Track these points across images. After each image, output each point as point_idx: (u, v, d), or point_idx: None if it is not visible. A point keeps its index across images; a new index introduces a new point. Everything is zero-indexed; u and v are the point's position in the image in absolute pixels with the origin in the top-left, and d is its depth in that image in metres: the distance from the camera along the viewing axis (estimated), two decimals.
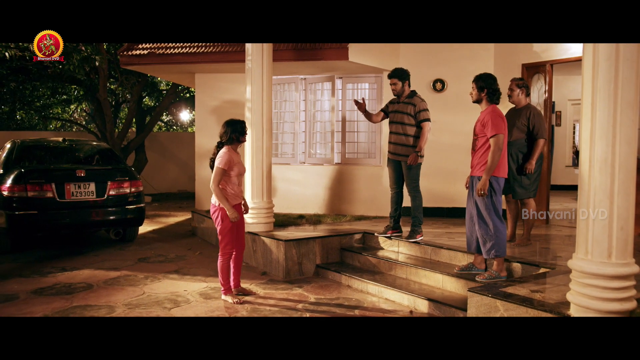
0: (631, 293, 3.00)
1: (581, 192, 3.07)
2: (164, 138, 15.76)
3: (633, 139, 2.93)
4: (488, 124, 4.34)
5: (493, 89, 4.47)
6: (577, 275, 3.08)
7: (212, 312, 4.55)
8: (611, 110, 2.90)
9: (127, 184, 6.87)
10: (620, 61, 2.88)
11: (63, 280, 5.50)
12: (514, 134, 5.25)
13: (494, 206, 4.37)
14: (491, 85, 4.47)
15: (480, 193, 4.33)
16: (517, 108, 5.38)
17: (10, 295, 4.99)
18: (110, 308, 4.61)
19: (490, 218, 4.36)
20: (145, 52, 7.68)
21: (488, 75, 4.53)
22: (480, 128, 4.43)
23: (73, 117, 18.22)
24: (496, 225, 4.34)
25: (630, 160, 2.93)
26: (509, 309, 3.47)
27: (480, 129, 4.43)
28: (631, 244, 3.00)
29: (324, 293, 5.16)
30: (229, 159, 4.51)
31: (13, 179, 6.24)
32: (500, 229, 4.35)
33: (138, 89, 12.84)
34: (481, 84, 4.47)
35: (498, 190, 4.39)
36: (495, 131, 4.30)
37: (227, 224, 4.63)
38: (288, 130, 8.50)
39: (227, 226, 4.66)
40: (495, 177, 4.37)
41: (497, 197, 4.38)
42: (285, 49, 7.17)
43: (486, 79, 4.50)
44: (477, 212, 4.45)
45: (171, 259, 6.56)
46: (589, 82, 2.99)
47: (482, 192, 4.32)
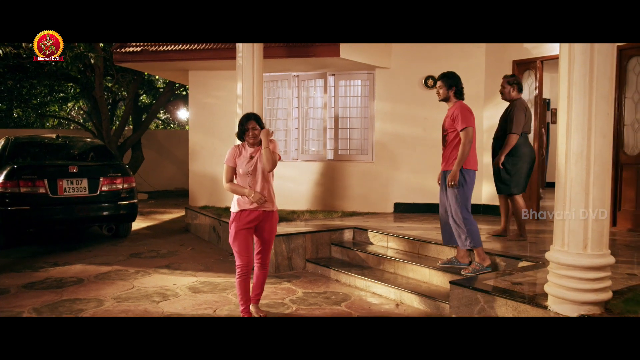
0: (607, 284, 3.04)
1: (558, 184, 3.11)
2: (161, 136, 15.80)
3: (608, 131, 2.96)
4: (458, 117, 4.43)
5: (460, 87, 4.59)
6: (554, 267, 3.11)
7: (199, 305, 4.59)
8: (586, 103, 2.94)
9: (119, 180, 6.91)
10: (595, 54, 2.91)
11: (54, 275, 5.54)
12: (501, 130, 5.30)
13: (464, 198, 4.46)
14: (459, 83, 4.59)
15: (450, 184, 4.43)
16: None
17: (2, 289, 5.03)
18: (99, 301, 4.65)
19: (460, 210, 4.45)
20: (139, 50, 7.72)
21: (453, 73, 4.62)
22: (450, 123, 4.51)
23: (70, 115, 18.25)
24: (465, 217, 4.44)
25: (605, 152, 2.96)
26: (488, 300, 3.51)
27: (450, 123, 4.52)
28: (607, 236, 3.04)
29: (312, 287, 5.20)
30: (231, 155, 4.11)
31: (5, 175, 6.28)
32: (470, 220, 4.46)
33: (134, 86, 12.87)
34: (450, 82, 4.56)
35: (469, 182, 4.49)
36: (465, 124, 4.40)
37: (234, 230, 4.05)
38: (281, 127, 8.54)
39: (233, 232, 4.07)
40: (465, 169, 4.46)
41: (467, 189, 4.48)
42: (277, 46, 7.20)
43: (453, 77, 4.60)
44: (450, 205, 4.54)
45: (163, 255, 6.60)
46: (565, 75, 3.02)
47: (452, 183, 4.41)
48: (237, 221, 4.05)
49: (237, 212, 4.06)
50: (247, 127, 4.02)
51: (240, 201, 4.05)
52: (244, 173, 4.02)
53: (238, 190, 4.02)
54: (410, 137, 7.86)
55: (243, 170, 4.02)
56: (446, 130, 4.58)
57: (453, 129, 4.49)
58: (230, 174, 4.06)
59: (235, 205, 4.09)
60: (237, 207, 4.07)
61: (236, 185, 4.04)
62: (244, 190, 3.99)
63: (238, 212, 4.05)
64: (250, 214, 4.04)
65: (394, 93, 7.93)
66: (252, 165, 4.02)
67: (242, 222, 4.02)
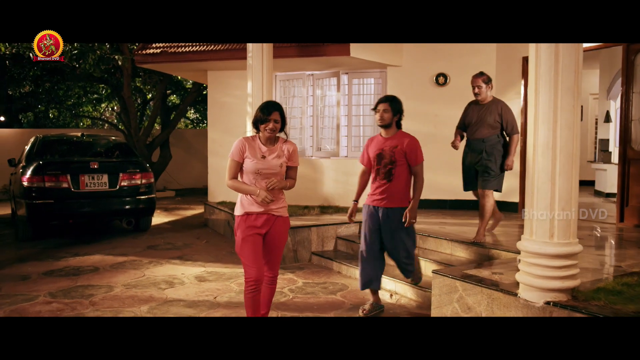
0: (573, 272, 3.12)
1: (527, 175, 3.20)
2: (190, 135, 16.25)
3: (573, 123, 3.04)
4: (416, 152, 4.05)
5: (402, 115, 4.14)
6: (523, 255, 3.21)
7: (202, 292, 4.84)
8: (552, 96, 3.03)
9: (138, 175, 7.26)
10: (560, 48, 3.01)
11: (73, 264, 5.90)
12: (485, 131, 5.00)
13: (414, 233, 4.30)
14: (402, 111, 4.13)
15: (412, 222, 4.07)
16: (483, 103, 5.05)
17: (24, 275, 5.41)
18: (109, 288, 4.96)
19: (414, 245, 4.29)
20: (158, 51, 8.06)
21: (399, 99, 4.14)
22: (401, 154, 4.04)
23: (104, 115, 18.96)
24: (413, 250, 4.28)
25: (570, 144, 3.04)
26: (466, 288, 3.62)
27: (401, 155, 4.04)
28: (574, 225, 3.11)
29: (313, 278, 5.39)
30: (237, 149, 3.43)
31: (32, 171, 6.71)
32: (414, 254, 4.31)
33: (161, 87, 13.33)
34: (397, 107, 4.07)
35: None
36: (422, 158, 4.11)
37: (240, 237, 3.41)
38: (296, 125, 8.75)
39: (239, 240, 3.42)
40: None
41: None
42: (289, 46, 7.41)
43: (400, 103, 4.12)
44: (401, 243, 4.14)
45: (178, 247, 6.90)
46: (532, 69, 3.12)
47: (413, 221, 4.08)
48: (242, 226, 3.41)
49: (242, 215, 3.43)
50: (268, 118, 3.35)
51: (245, 202, 3.42)
52: (251, 172, 3.39)
53: (242, 187, 3.40)
54: (421, 134, 7.79)
55: (251, 169, 3.38)
56: (395, 162, 4.06)
57: (403, 162, 4.06)
58: (234, 170, 3.43)
59: (239, 207, 3.46)
60: (241, 209, 3.44)
61: (241, 182, 3.43)
62: (249, 188, 3.37)
63: (243, 216, 3.42)
64: (257, 218, 3.41)
65: (406, 91, 8.00)
66: (263, 167, 3.38)
67: (248, 227, 3.40)
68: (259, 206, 3.38)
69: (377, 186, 4.18)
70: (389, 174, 4.08)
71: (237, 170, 3.44)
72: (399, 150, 4.03)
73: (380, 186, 4.14)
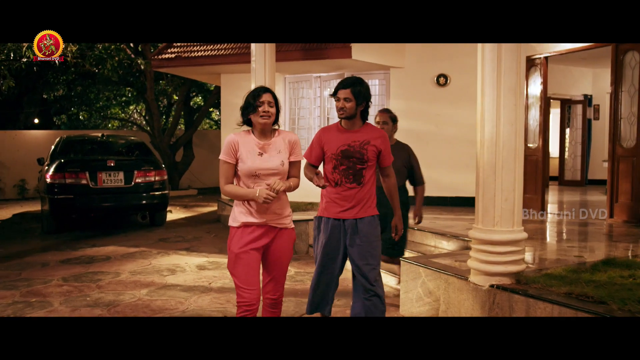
0: (517, 257, 3.38)
1: (476, 169, 3.48)
2: (213, 136, 16.80)
3: (515, 120, 3.31)
4: (388, 150, 3.26)
5: (368, 103, 3.25)
6: (473, 243, 3.49)
7: (199, 279, 5.25)
8: (494, 95, 3.30)
9: (152, 173, 7.76)
10: (502, 51, 3.28)
11: (89, 254, 6.42)
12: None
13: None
14: (369, 97, 3.24)
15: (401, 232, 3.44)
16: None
17: (44, 262, 5.95)
18: (116, 274, 5.42)
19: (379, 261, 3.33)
20: (173, 56, 8.55)
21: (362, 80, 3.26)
22: (374, 153, 3.18)
23: (132, 117, 19.75)
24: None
25: (512, 139, 3.31)
26: (428, 274, 3.91)
27: (374, 154, 3.18)
28: (518, 214, 3.38)
29: (305, 267, 5.74)
30: (228, 148, 2.84)
31: (54, 169, 7.28)
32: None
33: (184, 89, 13.91)
34: (362, 93, 3.16)
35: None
36: (391, 158, 3.32)
37: (232, 252, 2.83)
38: (304, 125, 9.12)
39: (232, 256, 2.84)
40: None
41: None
42: (294, 49, 7.79)
43: (365, 87, 3.24)
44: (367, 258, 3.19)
45: (187, 240, 7.36)
46: (479, 70, 3.41)
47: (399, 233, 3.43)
48: (237, 240, 2.83)
49: (237, 227, 2.86)
50: (260, 101, 2.83)
51: (242, 211, 2.85)
52: (248, 175, 2.81)
53: (240, 192, 2.81)
54: (423, 133, 8.20)
55: (247, 171, 2.80)
56: (366, 161, 3.16)
57: (374, 162, 3.21)
58: (228, 174, 2.84)
59: (234, 218, 2.88)
60: (237, 220, 2.86)
61: (237, 187, 2.85)
62: (248, 192, 2.77)
63: (240, 228, 2.85)
64: (255, 230, 2.84)
65: (408, 91, 8.30)
66: (262, 167, 2.80)
67: (244, 241, 2.81)
68: (258, 216, 2.81)
69: (341, 192, 3.18)
70: (360, 176, 3.16)
71: (232, 174, 2.85)
72: (371, 147, 3.15)
73: (347, 192, 3.17)
